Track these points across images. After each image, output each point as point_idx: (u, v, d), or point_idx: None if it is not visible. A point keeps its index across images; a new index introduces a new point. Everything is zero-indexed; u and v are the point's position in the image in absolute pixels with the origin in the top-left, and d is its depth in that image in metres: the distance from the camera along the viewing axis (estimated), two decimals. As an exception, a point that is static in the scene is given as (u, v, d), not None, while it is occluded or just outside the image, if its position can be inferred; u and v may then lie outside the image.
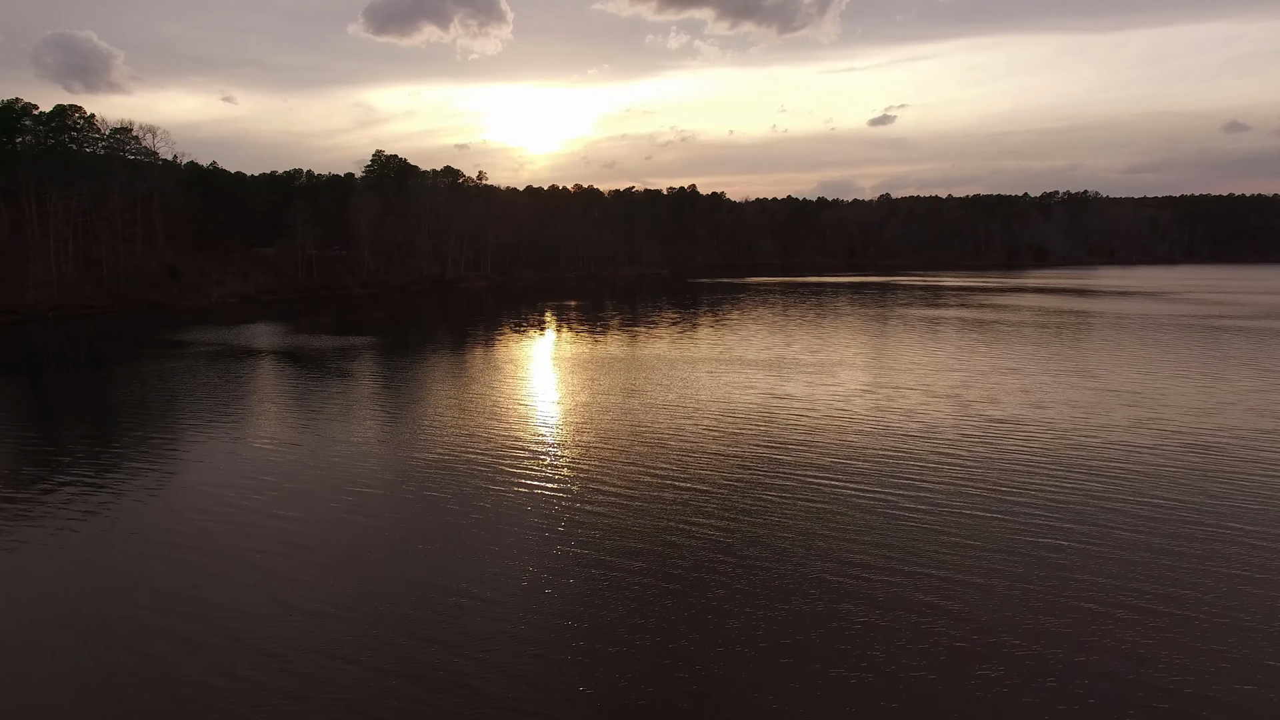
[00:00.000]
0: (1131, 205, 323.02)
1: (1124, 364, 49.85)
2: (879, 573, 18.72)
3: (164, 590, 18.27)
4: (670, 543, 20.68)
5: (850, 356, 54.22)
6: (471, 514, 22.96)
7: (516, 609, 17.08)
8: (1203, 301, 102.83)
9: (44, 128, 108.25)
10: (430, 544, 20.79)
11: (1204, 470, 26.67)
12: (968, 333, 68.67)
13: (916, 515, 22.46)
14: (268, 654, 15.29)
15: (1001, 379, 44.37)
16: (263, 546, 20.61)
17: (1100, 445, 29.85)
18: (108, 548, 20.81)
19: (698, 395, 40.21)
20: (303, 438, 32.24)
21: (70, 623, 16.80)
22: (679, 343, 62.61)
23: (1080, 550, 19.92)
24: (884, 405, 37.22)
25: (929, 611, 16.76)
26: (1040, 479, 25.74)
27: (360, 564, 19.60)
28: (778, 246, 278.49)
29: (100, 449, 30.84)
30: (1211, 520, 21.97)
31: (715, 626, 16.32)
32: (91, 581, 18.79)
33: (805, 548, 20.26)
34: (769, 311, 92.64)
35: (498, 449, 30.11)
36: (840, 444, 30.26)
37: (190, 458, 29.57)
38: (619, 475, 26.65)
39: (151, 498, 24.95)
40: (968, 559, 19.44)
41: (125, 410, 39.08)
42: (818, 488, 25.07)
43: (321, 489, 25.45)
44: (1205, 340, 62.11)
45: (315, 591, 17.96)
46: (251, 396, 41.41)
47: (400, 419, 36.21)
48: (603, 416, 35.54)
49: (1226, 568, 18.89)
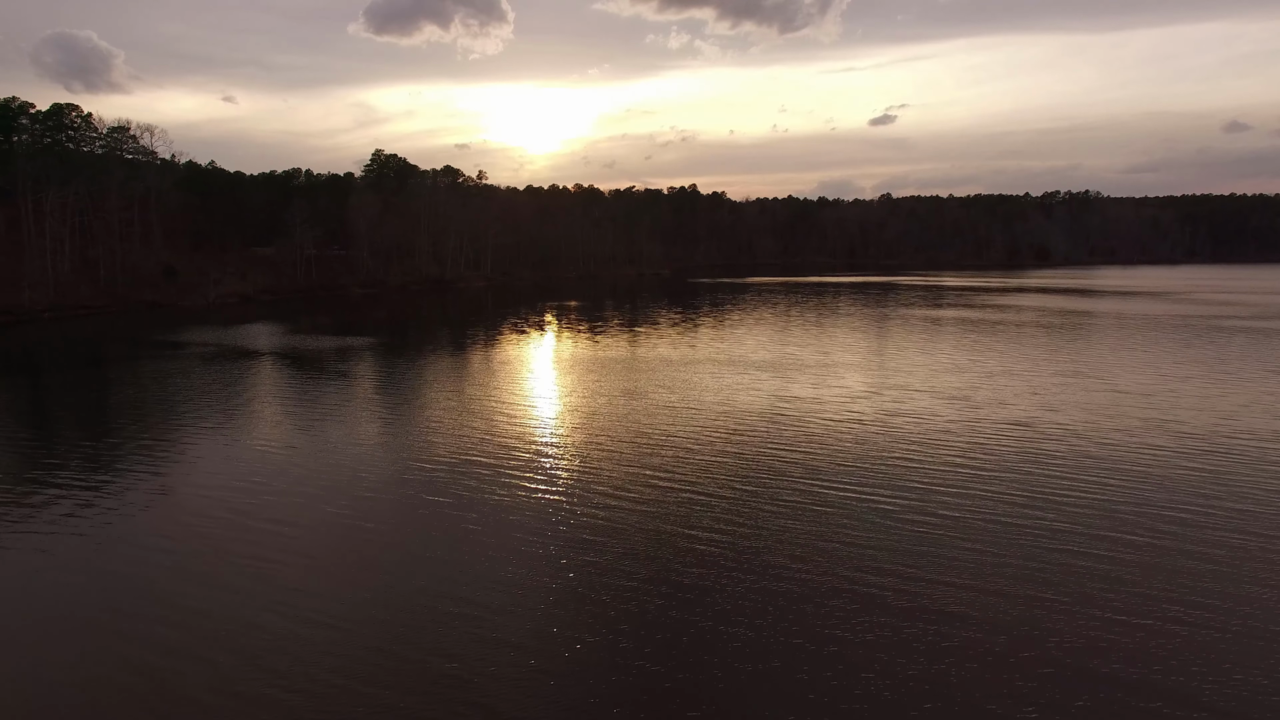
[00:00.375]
0: (1133, 205, 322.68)
1: (1133, 365, 49.19)
2: (894, 580, 18.07)
3: (160, 595, 17.76)
4: (676, 550, 20.02)
5: (856, 358, 53.57)
6: (472, 520, 22.26)
7: (518, 618, 16.57)
8: (1208, 301, 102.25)
9: (41, 126, 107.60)
10: (431, 550, 20.22)
11: (1225, 475, 26.02)
12: (974, 333, 68.04)
13: (930, 521, 21.80)
14: (264, 661, 14.86)
15: (1010, 380, 43.71)
16: (261, 551, 20.02)
17: (1115, 449, 29.19)
18: (103, 553, 20.15)
19: (701, 397, 39.55)
20: (301, 441, 31.57)
21: (66, 627, 16.35)
22: (681, 344, 61.96)
23: (1100, 557, 19.28)
24: (892, 408, 36.55)
25: (947, 621, 16.11)
26: (1056, 483, 25.08)
27: (360, 570, 19.11)
28: (778, 246, 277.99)
29: (96, 452, 30.17)
30: (1235, 526, 21.33)
31: (724, 638, 15.70)
32: (87, 586, 18.26)
33: (816, 556, 19.60)
34: (771, 312, 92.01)
35: (499, 453, 29.45)
36: (849, 448, 29.60)
37: (187, 461, 28.89)
38: (623, 480, 25.89)
39: (148, 502, 24.30)
40: (985, 567, 18.79)
41: (122, 412, 38.40)
42: (827, 494, 24.42)
43: (320, 494, 24.79)
44: (1214, 341, 61.46)
45: (314, 599, 17.46)
46: (249, 398, 40.73)
47: (400, 422, 35.54)
48: (605, 420, 34.88)
49: (1252, 574, 18.24)
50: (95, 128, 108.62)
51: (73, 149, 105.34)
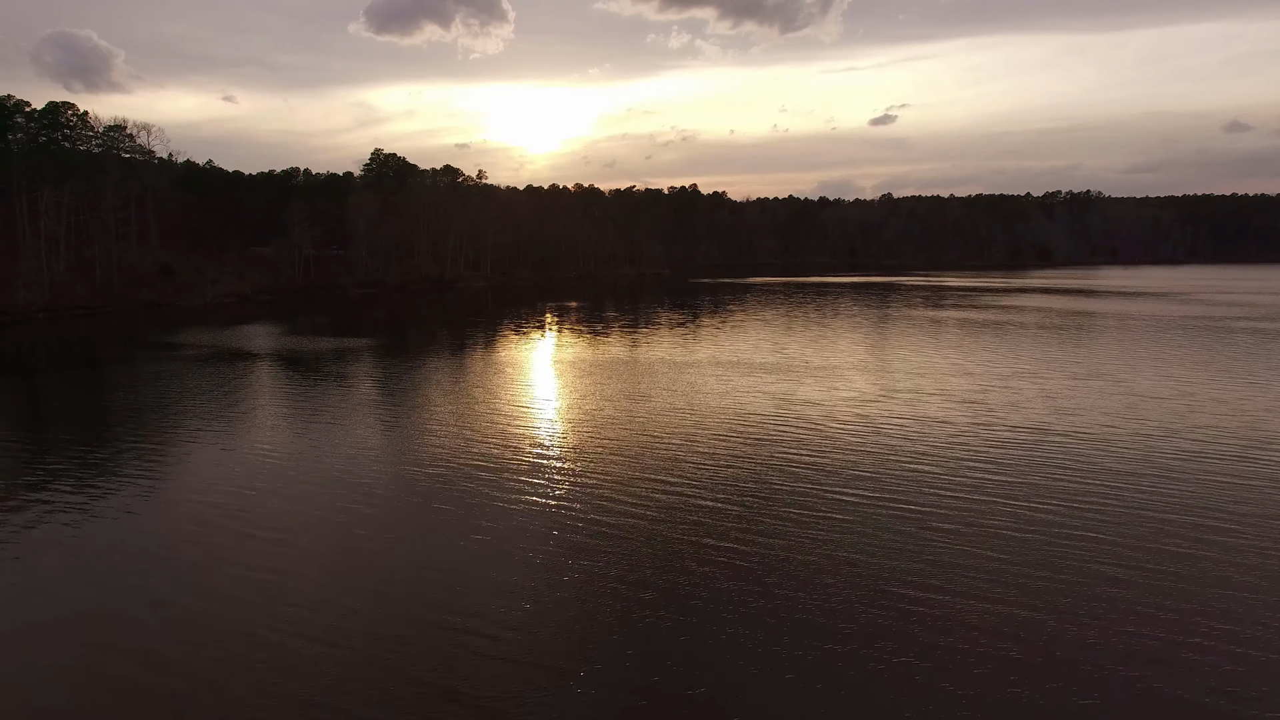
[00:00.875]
0: (1134, 205, 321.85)
1: (1146, 367, 48.21)
2: (916, 590, 17.08)
3: (154, 600, 17.32)
4: (683, 568, 18.88)
5: (865, 360, 52.59)
6: (472, 530, 21.31)
7: (518, 632, 15.84)
8: (1216, 302, 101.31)
9: (36, 125, 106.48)
10: (431, 561, 19.49)
11: (1250, 481, 25.04)
12: (982, 335, 67.08)
13: (948, 531, 20.81)
14: (258, 671, 14.39)
15: (1023, 383, 42.73)
16: (258, 560, 19.17)
17: (1136, 454, 28.21)
18: (93, 560, 19.39)
19: (707, 400, 38.56)
20: (298, 446, 30.57)
21: (59, 633, 15.93)
22: (686, 346, 60.97)
23: (1125, 567, 18.28)
24: (905, 412, 35.56)
25: (971, 636, 15.16)
26: (1077, 490, 24.09)
27: (357, 576, 18.58)
28: (779, 246, 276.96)
29: (88, 456, 29.15)
30: (1267, 535, 20.33)
31: (732, 649, 14.99)
32: (78, 593, 17.68)
33: (832, 571, 18.53)
34: (776, 313, 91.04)
35: (500, 460, 28.45)
36: (862, 453, 28.60)
37: (181, 466, 27.90)
38: (627, 491, 24.82)
39: (141, 508, 23.31)
40: (1009, 580, 17.79)
41: (114, 416, 37.37)
42: (840, 499, 23.42)
43: (318, 501, 23.81)
44: (1226, 343, 60.49)
45: (309, 609, 16.83)
46: (243, 402, 39.72)
47: (399, 427, 34.55)
48: (610, 427, 33.90)
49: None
50: (91, 126, 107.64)
51: (69, 148, 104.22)
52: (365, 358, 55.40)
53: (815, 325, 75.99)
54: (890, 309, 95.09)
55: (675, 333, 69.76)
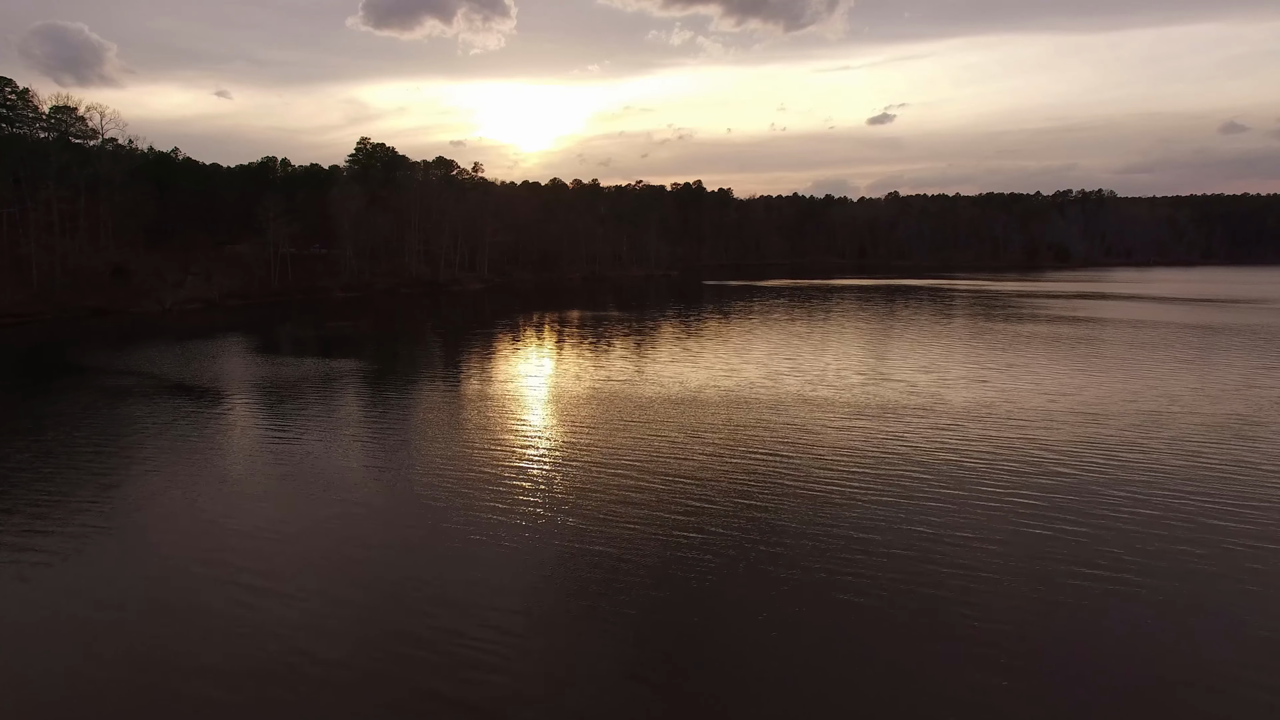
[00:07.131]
0: (1147, 205, 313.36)
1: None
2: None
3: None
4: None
5: (954, 377, 40.80)
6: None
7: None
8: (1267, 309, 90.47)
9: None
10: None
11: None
12: (1073, 351, 55.55)
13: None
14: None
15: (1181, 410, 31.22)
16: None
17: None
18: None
19: (735, 434, 26.89)
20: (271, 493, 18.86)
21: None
22: (722, 363, 49.13)
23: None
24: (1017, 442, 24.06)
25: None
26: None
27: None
28: (786, 245, 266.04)
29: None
30: None
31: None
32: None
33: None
34: (812, 321, 79.33)
35: (500, 509, 16.98)
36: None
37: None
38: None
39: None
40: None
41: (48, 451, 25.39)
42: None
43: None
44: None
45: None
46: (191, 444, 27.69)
47: (389, 467, 22.71)
48: (622, 453, 22.13)
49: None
50: (34, 106, 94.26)
51: (4, 130, 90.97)
52: (345, 386, 43.35)
53: (869, 335, 64.09)
54: (951, 317, 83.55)
55: (720, 354, 57.91)
